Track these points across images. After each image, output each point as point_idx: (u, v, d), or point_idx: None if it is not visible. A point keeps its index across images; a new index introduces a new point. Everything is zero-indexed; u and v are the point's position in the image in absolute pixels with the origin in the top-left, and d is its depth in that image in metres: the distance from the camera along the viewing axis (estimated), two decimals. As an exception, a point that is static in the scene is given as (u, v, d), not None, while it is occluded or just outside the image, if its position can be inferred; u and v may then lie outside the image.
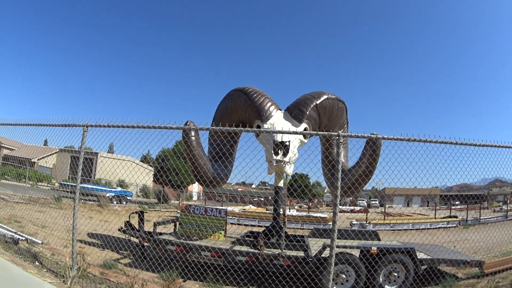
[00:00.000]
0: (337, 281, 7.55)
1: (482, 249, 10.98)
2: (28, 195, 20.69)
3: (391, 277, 7.78)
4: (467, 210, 28.26)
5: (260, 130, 7.38)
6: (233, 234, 10.65)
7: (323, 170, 9.60)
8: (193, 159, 8.34)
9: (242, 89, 9.36)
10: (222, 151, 9.19)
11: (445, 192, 72.01)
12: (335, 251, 5.89)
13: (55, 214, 14.15)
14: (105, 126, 7.04)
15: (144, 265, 9.00)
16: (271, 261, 7.81)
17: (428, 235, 16.56)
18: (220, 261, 8.12)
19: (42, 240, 9.43)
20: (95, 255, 9.01)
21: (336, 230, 5.91)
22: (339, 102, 9.38)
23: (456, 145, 6.46)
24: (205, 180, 8.75)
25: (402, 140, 6.25)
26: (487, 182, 51.23)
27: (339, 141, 6.18)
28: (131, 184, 32.87)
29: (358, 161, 8.21)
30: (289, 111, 8.98)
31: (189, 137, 8.29)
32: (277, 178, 9.45)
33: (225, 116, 9.67)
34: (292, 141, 8.31)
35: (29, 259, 7.53)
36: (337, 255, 7.11)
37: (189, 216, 9.28)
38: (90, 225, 12.35)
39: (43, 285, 6.11)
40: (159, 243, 8.85)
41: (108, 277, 7.40)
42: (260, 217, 23.12)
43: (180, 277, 7.86)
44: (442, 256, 8.52)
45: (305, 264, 7.69)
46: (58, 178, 36.51)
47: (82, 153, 7.19)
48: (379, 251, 7.73)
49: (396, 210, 45.06)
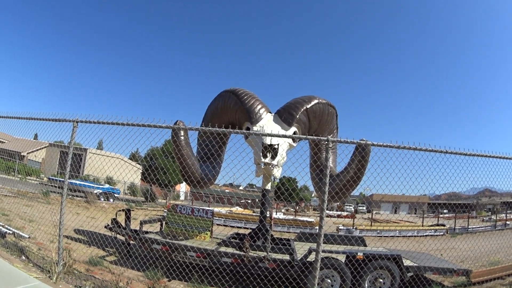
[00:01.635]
0: (322, 286, 7.55)
1: (470, 258, 11.04)
2: (16, 189, 20.58)
3: (377, 284, 7.78)
4: (455, 219, 28.45)
5: (250, 132, 7.44)
6: (219, 235, 10.67)
7: (311, 174, 9.61)
8: (181, 159, 8.35)
9: (233, 91, 9.38)
10: (211, 152, 9.20)
11: (434, 200, 72.29)
12: (321, 256, 5.91)
13: (43, 208, 14.12)
14: (95, 123, 7.04)
15: (129, 263, 8.98)
16: (256, 264, 7.83)
17: (415, 242, 16.61)
18: (205, 262, 8.13)
19: (29, 234, 9.41)
20: (81, 251, 9.00)
21: (322, 234, 5.92)
22: (330, 107, 9.44)
23: (446, 154, 6.51)
24: (192, 180, 8.75)
25: (392, 147, 6.29)
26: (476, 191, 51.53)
27: (328, 146, 6.22)
28: (119, 181, 32.73)
29: (347, 166, 8.25)
30: (279, 114, 9.02)
31: (178, 136, 8.31)
32: (264, 181, 9.46)
33: (215, 117, 9.68)
34: (281, 144, 8.32)
35: (16, 253, 7.52)
36: (323, 259, 7.14)
37: (176, 215, 9.29)
38: (77, 221, 12.32)
39: (29, 279, 6.12)
40: (145, 242, 8.83)
41: (93, 274, 7.40)
42: (247, 219, 23.17)
43: (165, 277, 7.84)
44: (429, 263, 8.54)
45: (290, 267, 7.70)
46: (47, 172, 36.26)
47: (71, 149, 7.20)
48: (365, 257, 7.75)
49: (383, 217, 45.21)
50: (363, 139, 6.58)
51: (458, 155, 6.64)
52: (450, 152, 6.50)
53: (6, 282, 5.75)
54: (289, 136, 6.95)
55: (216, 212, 16.89)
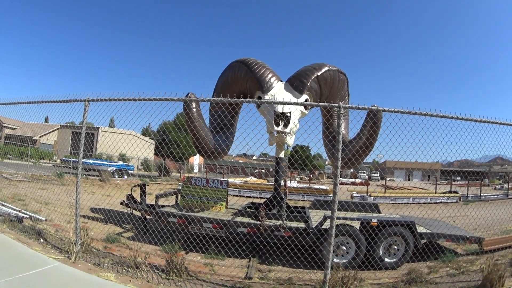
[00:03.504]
0: (337, 253, 7.60)
1: (482, 226, 10.98)
2: (30, 173, 20.80)
3: (391, 250, 7.80)
4: (467, 186, 28.27)
5: (261, 101, 7.33)
6: (234, 206, 10.72)
7: (324, 142, 9.58)
8: (194, 131, 8.33)
9: (243, 61, 9.29)
10: (223, 122, 9.14)
11: (446, 167, 72.01)
12: (335, 222, 5.90)
13: (58, 190, 14.24)
14: (107, 100, 7.01)
15: (146, 238, 9.08)
16: (272, 232, 7.88)
17: (428, 209, 16.57)
18: (221, 233, 8.19)
19: (45, 217, 9.53)
20: (98, 229, 9.10)
21: (336, 201, 5.90)
22: (340, 74, 9.32)
23: (457, 120, 6.41)
24: (206, 152, 8.76)
25: (403, 113, 6.20)
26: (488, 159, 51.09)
27: (340, 113, 6.14)
28: (132, 157, 32.91)
29: (359, 132, 8.20)
30: (290, 82, 8.91)
31: (190, 108, 8.25)
32: (278, 149, 9.45)
33: (226, 87, 9.61)
34: (293, 112, 8.26)
35: (34, 237, 7.62)
36: (338, 226, 7.11)
37: (191, 188, 9.34)
38: (92, 200, 12.43)
39: (48, 261, 6.20)
40: (161, 216, 8.90)
41: (111, 251, 7.50)
42: (261, 188, 23.21)
43: (183, 249, 7.93)
44: (442, 230, 8.52)
45: (306, 235, 7.75)
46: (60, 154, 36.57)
47: (84, 128, 7.22)
48: (379, 224, 7.75)
49: (396, 184, 45.16)
50: (375, 105, 6.45)
51: (469, 121, 6.55)
52: (461, 118, 6.40)
53: (26, 265, 5.83)
54: (301, 104, 6.87)
55: (230, 182, 16.91)
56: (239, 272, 6.89)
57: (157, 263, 6.65)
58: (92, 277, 5.80)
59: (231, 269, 6.98)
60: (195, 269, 6.83)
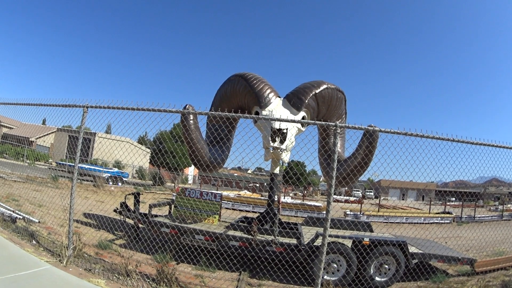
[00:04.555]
0: (328, 270, 7.59)
1: (475, 247, 11.03)
2: (25, 174, 20.77)
3: (382, 269, 7.80)
4: (462, 207, 28.26)
5: (259, 116, 7.42)
6: (227, 219, 10.74)
7: (319, 159, 9.63)
8: (190, 143, 8.35)
9: (242, 75, 9.34)
10: (220, 136, 9.21)
11: (441, 187, 72.06)
12: (327, 240, 5.94)
13: (52, 193, 14.25)
14: (105, 108, 7.07)
15: (138, 246, 9.08)
16: (264, 247, 7.88)
17: (421, 229, 16.62)
18: (213, 245, 8.18)
19: (39, 219, 9.51)
20: (90, 235, 9.09)
21: (329, 219, 5.93)
22: (339, 92, 9.39)
23: (453, 142, 6.46)
24: (202, 164, 8.79)
25: (399, 134, 6.26)
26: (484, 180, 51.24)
27: (337, 132, 6.20)
28: (127, 165, 32.91)
29: (355, 152, 8.24)
30: (288, 98, 8.98)
31: (188, 121, 8.29)
32: (273, 165, 9.51)
33: (224, 101, 9.66)
34: (289, 129, 8.33)
35: (26, 238, 7.61)
36: (330, 244, 7.17)
37: (185, 199, 9.35)
38: (86, 205, 12.42)
39: (40, 263, 6.20)
40: (154, 225, 8.91)
41: (103, 257, 7.49)
42: (255, 202, 23.21)
43: (174, 260, 7.93)
44: (434, 251, 8.55)
45: (297, 251, 7.75)
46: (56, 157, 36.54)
47: (82, 134, 7.26)
48: (371, 243, 7.77)
49: (390, 203, 45.20)
50: (371, 125, 6.54)
51: (465, 144, 6.61)
52: (457, 141, 6.45)
53: (18, 266, 5.83)
54: (298, 121, 6.94)
55: (224, 195, 16.94)
56: (229, 285, 6.87)
57: (148, 272, 6.65)
58: (82, 282, 5.80)
59: (221, 281, 7.00)
60: (186, 280, 6.84)
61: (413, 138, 6.36)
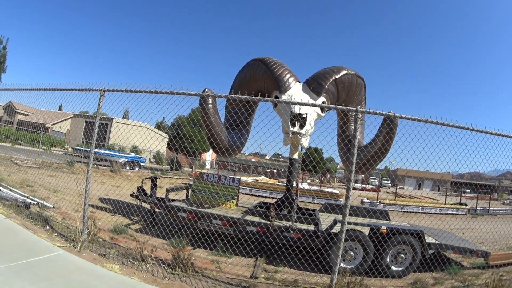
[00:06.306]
0: (345, 258, 7.53)
1: (489, 240, 10.88)
2: (41, 160, 20.89)
3: (398, 258, 7.72)
4: (477, 199, 28.08)
5: (279, 100, 7.23)
6: (245, 204, 10.66)
7: (339, 145, 9.53)
8: (209, 126, 8.30)
9: (261, 59, 9.24)
10: (240, 120, 9.16)
11: (457, 178, 71.53)
12: (346, 227, 5.83)
13: (68, 178, 14.29)
14: (122, 91, 7.01)
15: (154, 231, 9.08)
16: (281, 233, 7.83)
17: (437, 219, 16.48)
18: (230, 230, 8.14)
19: (53, 204, 9.52)
20: (105, 220, 9.08)
21: (348, 205, 5.88)
22: (358, 78, 9.26)
23: (472, 131, 6.39)
24: (220, 148, 8.74)
25: (419, 121, 6.17)
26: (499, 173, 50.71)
27: (357, 117, 6.08)
28: (144, 150, 33.01)
29: (374, 138, 8.19)
30: (308, 83, 8.85)
31: (207, 104, 8.22)
32: (292, 150, 9.40)
33: (243, 85, 9.58)
34: (309, 114, 8.22)
35: (40, 223, 7.60)
36: (347, 231, 7.07)
37: (202, 183, 9.31)
38: (102, 190, 12.43)
39: (53, 249, 6.15)
40: (171, 210, 8.88)
41: (118, 242, 7.48)
42: (273, 188, 23.19)
43: (190, 245, 7.90)
44: (450, 242, 8.40)
45: (315, 238, 7.68)
46: (72, 143, 36.82)
47: (98, 118, 7.22)
48: (389, 231, 7.67)
49: (407, 192, 44.97)
50: (391, 111, 6.38)
51: (484, 134, 6.52)
52: (476, 130, 6.38)
53: (30, 252, 5.81)
54: (318, 105, 6.84)
55: (242, 181, 16.87)
56: (245, 271, 6.85)
57: (163, 257, 6.63)
58: (96, 267, 5.75)
59: (237, 267, 6.96)
60: (201, 265, 6.81)
61: (433, 126, 6.29)
